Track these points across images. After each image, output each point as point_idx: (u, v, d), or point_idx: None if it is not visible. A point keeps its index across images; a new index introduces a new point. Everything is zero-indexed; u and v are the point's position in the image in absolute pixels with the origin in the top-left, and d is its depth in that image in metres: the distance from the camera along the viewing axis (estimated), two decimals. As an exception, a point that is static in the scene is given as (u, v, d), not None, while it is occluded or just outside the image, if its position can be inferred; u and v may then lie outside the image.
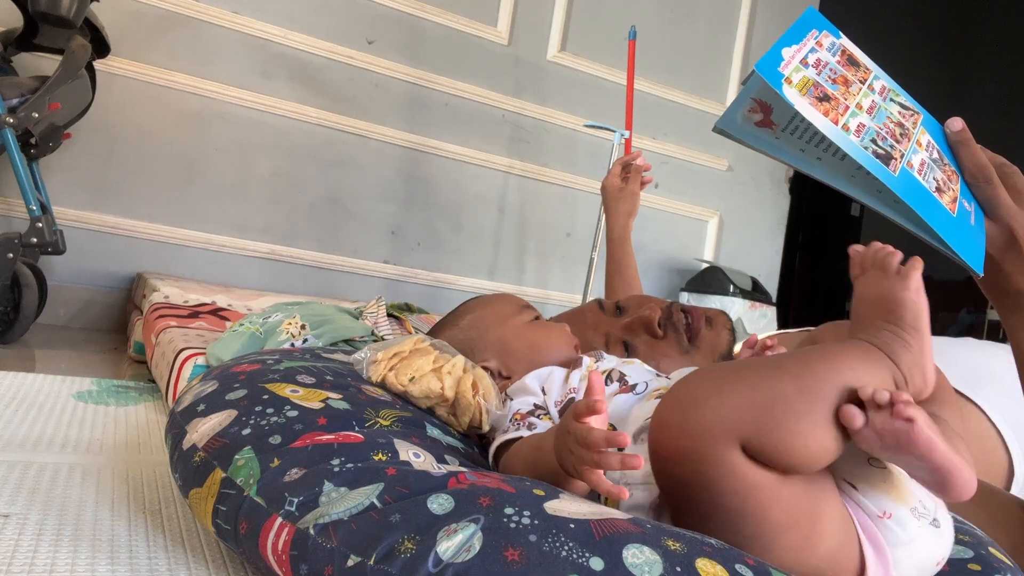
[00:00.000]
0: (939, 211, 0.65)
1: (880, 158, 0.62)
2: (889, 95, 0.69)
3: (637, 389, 0.74)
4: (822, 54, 0.65)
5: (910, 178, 0.64)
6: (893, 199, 0.63)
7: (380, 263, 2.51)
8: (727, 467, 0.53)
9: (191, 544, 0.71)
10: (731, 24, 3.11)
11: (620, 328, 1.00)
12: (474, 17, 2.59)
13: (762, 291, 2.93)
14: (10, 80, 1.71)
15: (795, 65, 0.62)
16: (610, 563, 0.49)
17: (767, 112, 0.63)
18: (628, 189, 1.48)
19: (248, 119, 2.28)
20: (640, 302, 1.04)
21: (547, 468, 0.64)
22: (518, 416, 0.75)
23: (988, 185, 0.71)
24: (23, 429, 1.01)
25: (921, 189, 0.64)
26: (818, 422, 0.53)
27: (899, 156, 0.64)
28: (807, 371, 0.55)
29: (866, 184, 0.63)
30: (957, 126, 0.72)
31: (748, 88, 0.63)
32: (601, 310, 1.04)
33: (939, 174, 0.68)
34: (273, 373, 0.77)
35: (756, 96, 0.62)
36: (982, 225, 0.71)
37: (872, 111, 0.65)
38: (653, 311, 0.98)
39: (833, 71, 0.65)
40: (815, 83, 0.62)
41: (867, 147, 0.62)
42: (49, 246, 1.68)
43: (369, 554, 0.52)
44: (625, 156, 1.51)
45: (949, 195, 0.67)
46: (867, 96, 0.66)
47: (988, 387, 1.04)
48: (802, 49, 0.64)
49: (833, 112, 0.62)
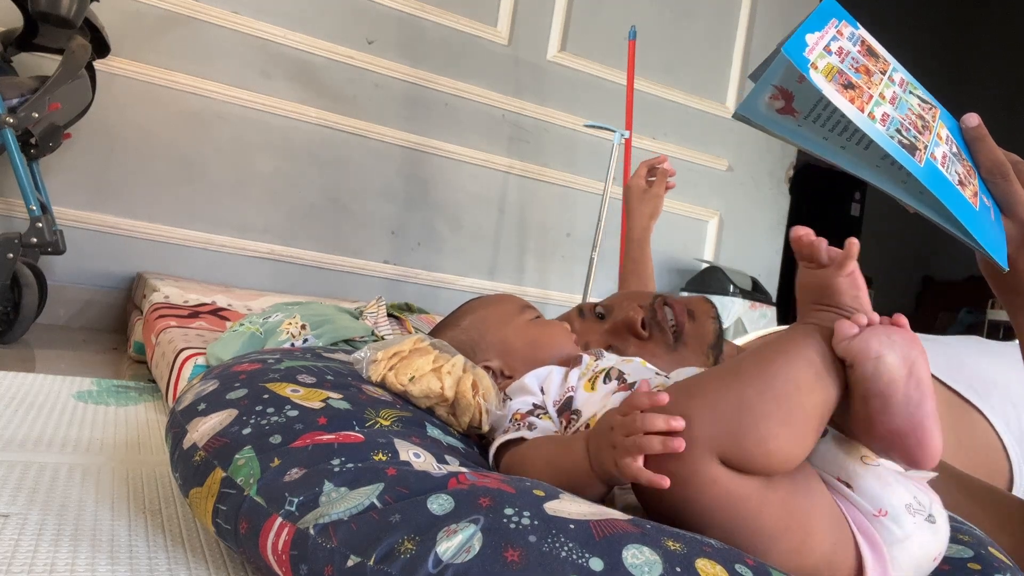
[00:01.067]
0: (964, 203, 0.64)
1: (906, 148, 0.62)
2: (908, 88, 0.68)
3: (636, 387, 0.74)
4: (843, 43, 0.65)
5: (935, 170, 0.63)
6: (918, 190, 0.62)
7: (380, 263, 2.51)
8: (710, 482, 0.53)
9: (191, 544, 0.71)
10: (731, 24, 3.11)
11: (602, 333, 0.96)
12: (474, 17, 2.59)
13: (762, 291, 2.93)
14: (10, 80, 1.71)
15: (819, 51, 0.61)
16: (610, 563, 0.49)
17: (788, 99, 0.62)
18: (652, 192, 1.47)
19: (248, 119, 2.28)
20: (622, 302, 0.99)
21: (571, 468, 0.63)
22: (518, 416, 0.74)
23: (1005, 181, 0.71)
24: (23, 429, 1.01)
25: (946, 181, 0.64)
26: (786, 419, 0.54)
27: (923, 148, 0.63)
28: (765, 371, 0.55)
29: (890, 174, 0.62)
30: (973, 122, 0.72)
31: (770, 74, 0.61)
32: (582, 316, 1.00)
33: (960, 168, 0.67)
34: (274, 373, 0.77)
35: (777, 83, 0.61)
36: (1000, 222, 0.71)
37: (894, 102, 0.65)
38: (636, 312, 0.95)
39: (855, 60, 0.64)
40: (839, 70, 0.62)
41: (893, 136, 0.61)
42: (49, 246, 1.68)
43: (369, 554, 0.52)
44: (651, 159, 1.50)
45: (970, 189, 0.67)
46: (888, 87, 0.65)
47: (994, 395, 1.04)
48: (824, 36, 0.63)
49: (858, 100, 0.61)
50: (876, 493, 0.57)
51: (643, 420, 0.56)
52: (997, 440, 1.01)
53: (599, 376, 0.77)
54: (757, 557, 0.54)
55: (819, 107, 0.61)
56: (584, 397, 0.75)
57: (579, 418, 0.73)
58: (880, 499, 0.57)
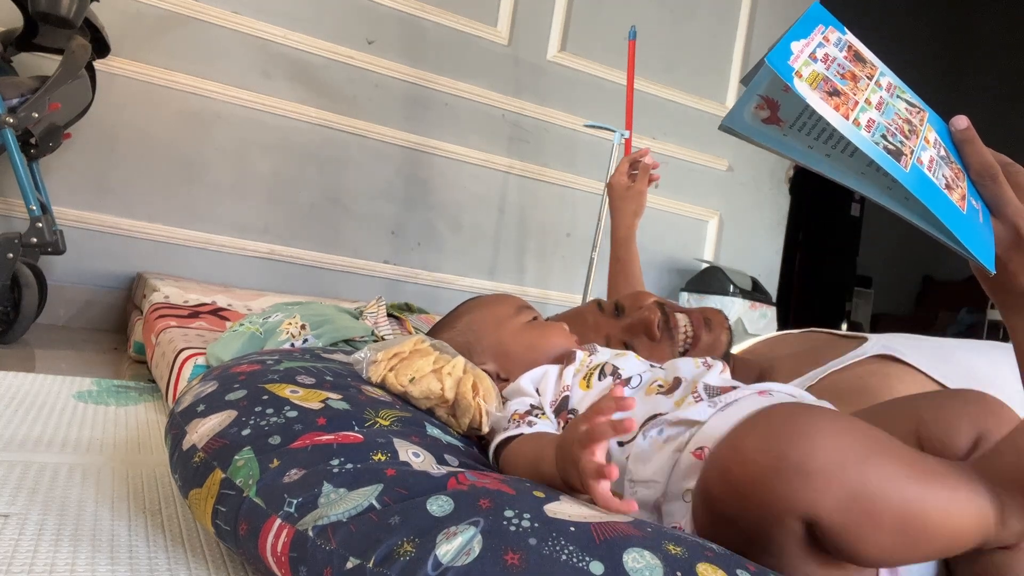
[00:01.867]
0: (950, 208, 0.64)
1: (891, 154, 0.62)
2: (896, 92, 0.68)
3: (632, 383, 0.74)
4: (829, 49, 0.65)
5: (921, 174, 0.63)
6: (904, 195, 0.62)
7: (380, 263, 2.51)
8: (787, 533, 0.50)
9: (191, 544, 0.71)
10: (731, 24, 3.10)
11: (620, 329, 1.00)
12: (474, 17, 2.59)
13: (762, 291, 2.93)
14: (10, 80, 1.71)
15: (804, 59, 0.61)
16: (610, 567, 0.49)
17: (774, 109, 0.62)
18: (635, 188, 1.43)
19: (248, 119, 2.28)
20: (638, 301, 1.03)
21: (549, 476, 0.64)
22: (516, 416, 0.75)
23: (994, 183, 0.71)
24: (23, 429, 1.01)
25: (932, 185, 0.64)
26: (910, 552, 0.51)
27: (909, 152, 0.63)
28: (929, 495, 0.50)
29: (876, 181, 0.62)
30: (962, 124, 0.72)
31: (755, 84, 0.61)
32: (601, 311, 1.04)
33: (948, 171, 0.67)
34: (273, 373, 0.77)
35: (763, 92, 0.61)
36: (989, 224, 0.71)
37: (880, 107, 0.65)
38: (653, 313, 0.98)
39: (841, 66, 0.64)
40: (824, 77, 0.62)
41: (878, 143, 0.61)
42: (49, 246, 1.68)
43: (368, 556, 0.52)
44: (632, 154, 1.45)
45: (958, 192, 0.67)
46: (875, 92, 0.65)
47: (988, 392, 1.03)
48: (810, 44, 0.63)
49: (843, 107, 0.61)
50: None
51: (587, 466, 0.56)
52: None
53: (594, 372, 0.77)
54: None
55: (804, 116, 0.61)
56: (580, 395, 0.75)
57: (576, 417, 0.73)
58: None
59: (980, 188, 0.71)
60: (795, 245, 4.21)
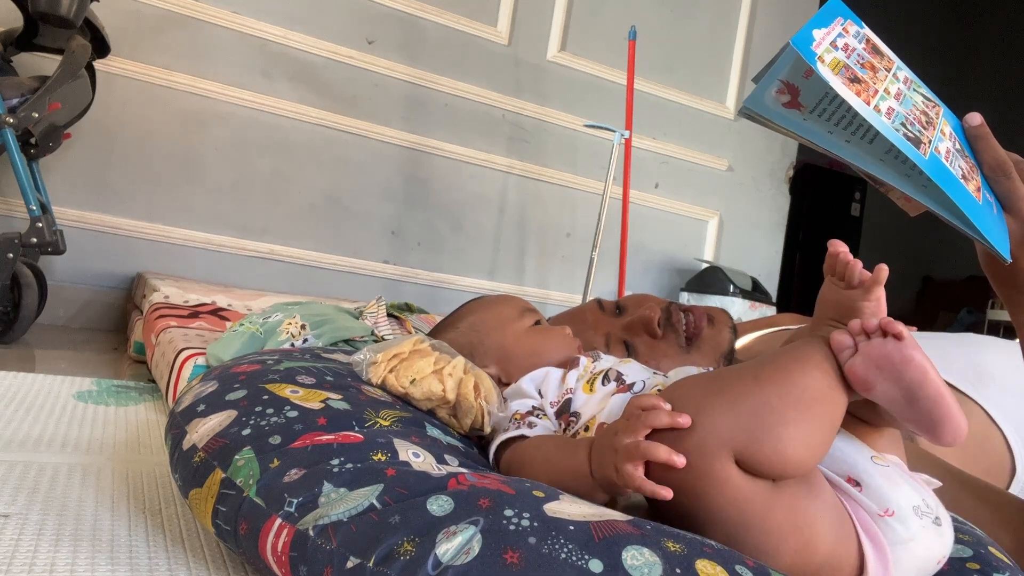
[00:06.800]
0: (968, 196, 0.65)
1: (911, 141, 0.62)
2: (912, 86, 0.70)
3: (635, 388, 0.74)
4: (849, 40, 0.66)
5: (939, 162, 0.64)
6: (922, 183, 0.63)
7: (380, 263, 2.51)
8: (723, 480, 0.53)
9: (191, 544, 0.71)
10: (731, 24, 3.11)
11: (620, 328, 1.00)
12: (474, 17, 2.59)
13: (762, 291, 2.93)
14: (10, 80, 1.71)
15: (826, 46, 0.63)
16: (609, 565, 0.49)
17: (794, 95, 0.63)
18: None
19: (248, 119, 2.28)
20: (640, 301, 1.04)
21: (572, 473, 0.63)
22: (517, 416, 0.75)
23: (1007, 179, 0.72)
24: (23, 429, 1.01)
25: (950, 174, 0.65)
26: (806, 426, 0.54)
27: (927, 141, 0.64)
28: (785, 378, 0.56)
29: (895, 167, 0.63)
30: (976, 120, 0.73)
31: (776, 68, 0.62)
32: (601, 310, 1.04)
33: (963, 163, 0.68)
34: (273, 373, 0.77)
35: (783, 77, 0.62)
36: (1002, 217, 0.72)
37: (899, 98, 0.66)
38: (653, 311, 0.98)
39: (861, 56, 0.65)
40: (845, 65, 0.63)
41: (898, 130, 0.62)
42: (49, 246, 1.68)
43: (368, 556, 0.52)
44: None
45: (973, 184, 0.68)
46: (893, 83, 0.66)
47: (990, 386, 1.04)
48: (831, 32, 0.64)
49: (864, 94, 0.62)
50: (884, 493, 0.58)
51: (647, 416, 0.56)
52: (995, 430, 1.01)
53: (598, 377, 0.77)
54: (762, 558, 0.54)
55: (825, 101, 0.61)
56: (583, 399, 0.75)
57: (578, 420, 0.73)
58: (887, 499, 0.57)
59: (993, 183, 0.72)
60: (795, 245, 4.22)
